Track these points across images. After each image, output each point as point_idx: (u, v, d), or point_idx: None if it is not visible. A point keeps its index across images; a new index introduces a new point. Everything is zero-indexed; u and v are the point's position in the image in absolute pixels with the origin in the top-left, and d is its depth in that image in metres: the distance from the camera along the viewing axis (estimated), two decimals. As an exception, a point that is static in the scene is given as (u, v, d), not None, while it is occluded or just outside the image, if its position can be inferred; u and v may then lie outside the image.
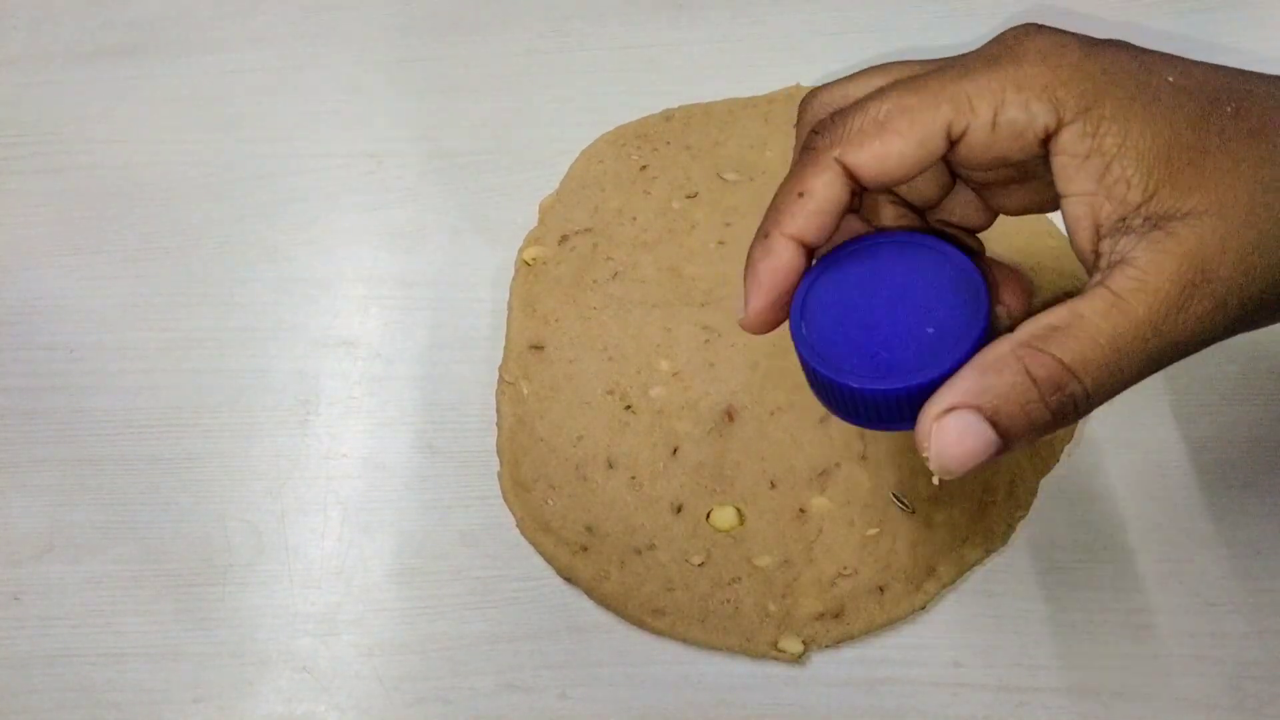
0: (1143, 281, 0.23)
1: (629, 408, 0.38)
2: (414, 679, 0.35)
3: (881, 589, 0.35)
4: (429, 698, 0.34)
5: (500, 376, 0.40)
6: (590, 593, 0.35)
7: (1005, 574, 0.35)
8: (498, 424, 0.39)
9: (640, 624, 0.35)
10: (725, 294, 0.41)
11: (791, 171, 0.26)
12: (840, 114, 0.26)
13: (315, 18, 0.52)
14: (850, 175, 0.25)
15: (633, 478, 0.37)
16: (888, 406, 0.25)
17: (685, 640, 0.35)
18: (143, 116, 0.50)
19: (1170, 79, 0.25)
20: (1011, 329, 0.24)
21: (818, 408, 0.38)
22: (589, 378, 0.39)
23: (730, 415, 0.38)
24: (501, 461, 0.38)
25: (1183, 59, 0.26)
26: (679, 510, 0.36)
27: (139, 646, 0.36)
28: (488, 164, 0.46)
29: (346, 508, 0.38)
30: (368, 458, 0.39)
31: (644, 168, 0.44)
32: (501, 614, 0.36)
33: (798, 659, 0.34)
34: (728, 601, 0.35)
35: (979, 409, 0.23)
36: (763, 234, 0.26)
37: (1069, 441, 0.37)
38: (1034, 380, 0.23)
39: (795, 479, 0.37)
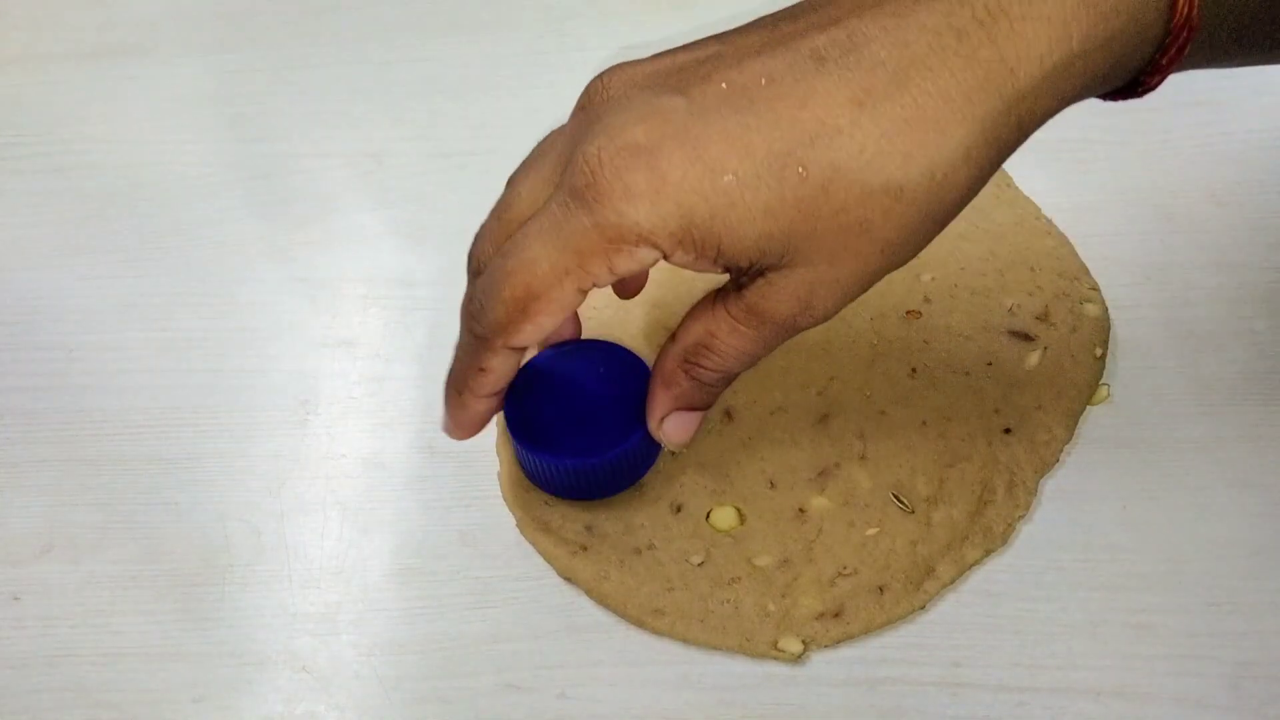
0: (760, 318, 0.28)
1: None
2: (414, 679, 0.35)
3: (881, 589, 0.35)
4: (429, 697, 0.34)
5: (500, 376, 0.40)
6: (590, 593, 0.35)
7: (1005, 574, 0.35)
8: (497, 424, 0.39)
9: (640, 624, 0.35)
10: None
11: (467, 351, 0.31)
12: (488, 296, 0.29)
13: (315, 18, 0.52)
14: (516, 348, 0.30)
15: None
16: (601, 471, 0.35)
17: (685, 640, 0.35)
18: (143, 116, 0.50)
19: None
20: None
21: (817, 407, 0.38)
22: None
23: (730, 415, 0.38)
24: (501, 461, 0.38)
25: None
26: (679, 510, 0.36)
27: (138, 646, 0.36)
28: (488, 164, 0.46)
29: (346, 508, 0.38)
30: (367, 458, 0.39)
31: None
32: (501, 614, 0.36)
33: (797, 659, 0.34)
34: (727, 601, 0.35)
35: (677, 409, 0.32)
36: (455, 392, 0.31)
37: (1069, 442, 0.37)
38: (694, 379, 0.31)
39: (795, 479, 0.37)
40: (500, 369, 0.30)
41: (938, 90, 0.25)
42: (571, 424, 0.35)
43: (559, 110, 0.29)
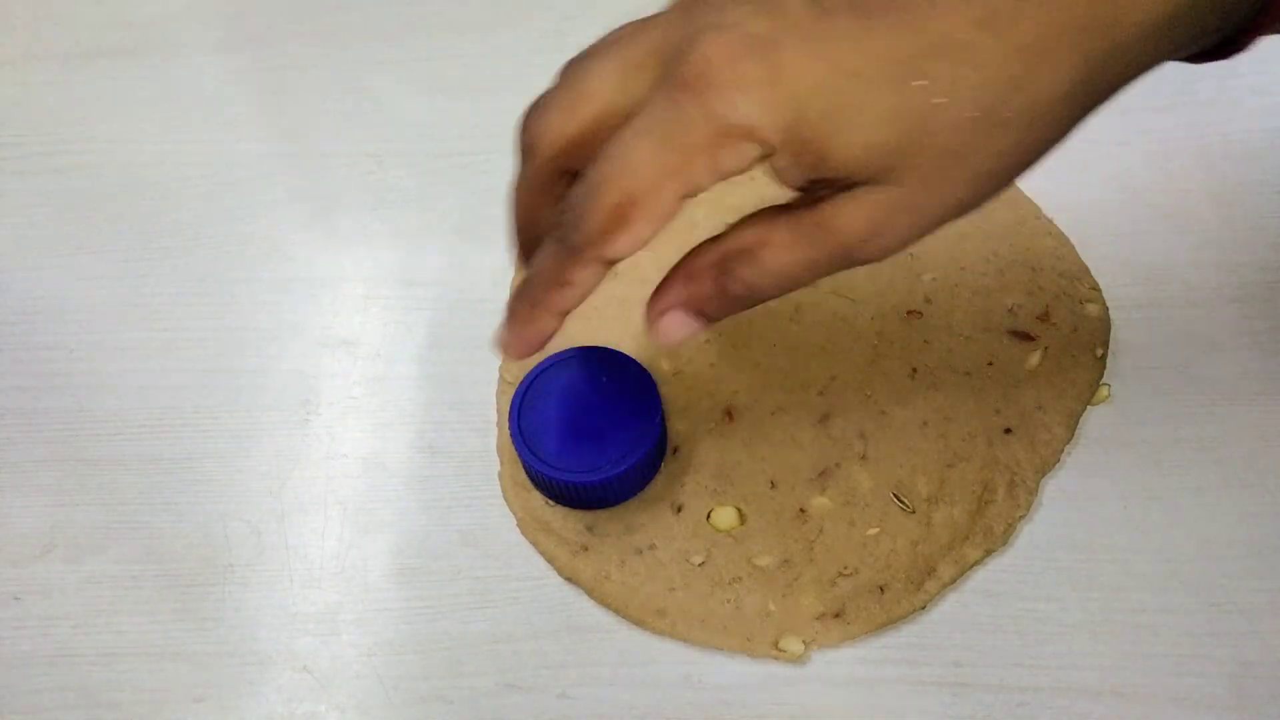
0: (826, 232, 0.27)
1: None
2: (414, 679, 0.35)
3: (882, 589, 0.35)
4: (429, 697, 0.34)
5: (500, 376, 0.40)
6: (591, 593, 0.35)
7: (1006, 574, 0.35)
8: (498, 424, 0.39)
9: (641, 624, 0.35)
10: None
11: (554, 261, 0.28)
12: (585, 204, 0.27)
13: (315, 18, 0.52)
14: (609, 260, 0.28)
15: (633, 478, 0.37)
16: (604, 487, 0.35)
17: (686, 640, 0.35)
18: (143, 116, 0.50)
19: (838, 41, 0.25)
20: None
21: (818, 407, 0.38)
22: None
23: (730, 415, 0.38)
24: (502, 461, 0.38)
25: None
26: (680, 510, 0.36)
27: (139, 646, 0.36)
28: (488, 164, 0.46)
29: (346, 508, 0.38)
30: (368, 458, 0.39)
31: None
32: (502, 614, 0.36)
33: (798, 659, 0.34)
34: (728, 601, 0.35)
35: (685, 307, 0.29)
36: (528, 305, 0.29)
37: (1069, 441, 0.37)
38: (722, 288, 0.28)
39: (795, 479, 0.37)
40: (586, 283, 0.28)
41: (1053, 21, 0.25)
42: (577, 437, 0.35)
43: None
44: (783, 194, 0.28)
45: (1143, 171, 0.43)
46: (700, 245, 0.29)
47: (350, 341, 0.42)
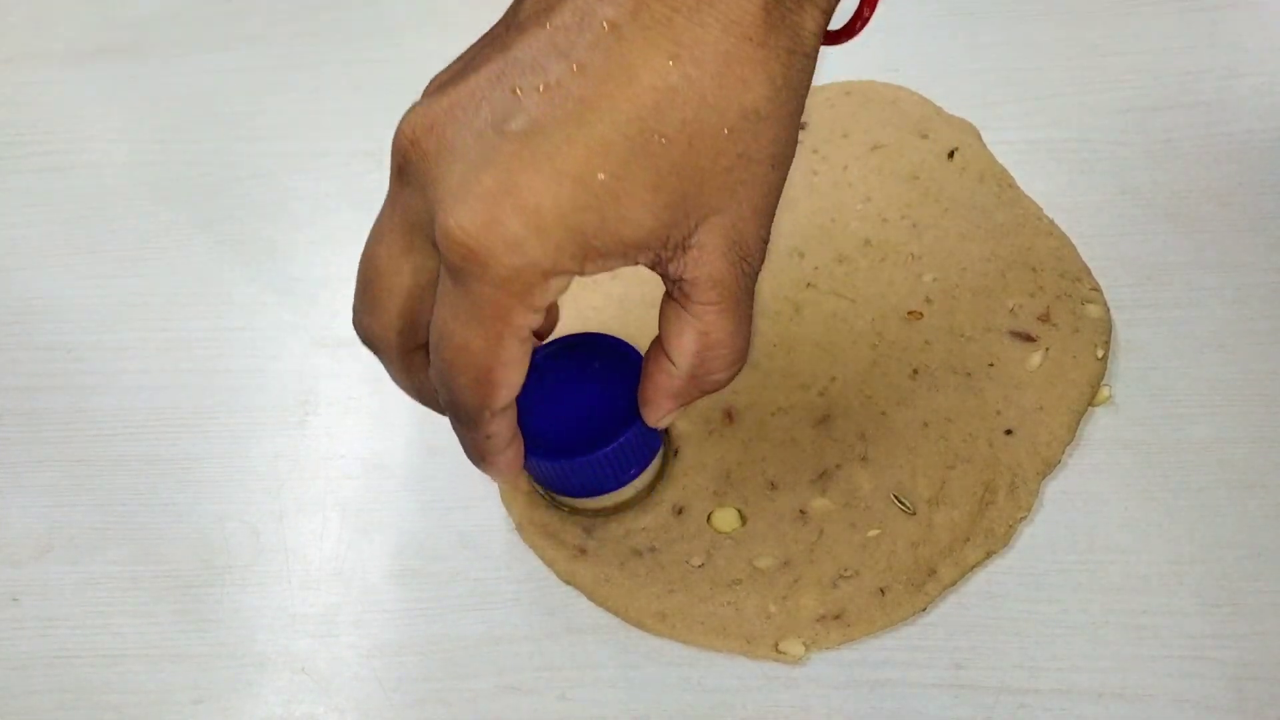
0: (713, 284, 0.28)
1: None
2: (414, 680, 0.35)
3: (882, 590, 0.34)
4: (429, 699, 0.34)
5: (500, 377, 0.40)
6: (591, 595, 0.35)
7: (1006, 575, 0.35)
8: (498, 425, 0.39)
9: (641, 626, 0.35)
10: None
11: (466, 430, 0.30)
12: (449, 389, 0.28)
13: (315, 18, 0.52)
14: (503, 409, 0.29)
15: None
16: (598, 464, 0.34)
17: (686, 642, 0.34)
18: (143, 116, 0.50)
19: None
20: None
21: (818, 409, 0.38)
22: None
23: (730, 416, 0.38)
24: (501, 462, 0.38)
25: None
26: (680, 512, 0.36)
27: (138, 648, 0.36)
28: (488, 164, 0.46)
29: (345, 509, 0.38)
30: (367, 458, 0.39)
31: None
32: (501, 615, 0.36)
33: (799, 661, 0.34)
34: (728, 603, 0.35)
35: (678, 408, 0.31)
36: (479, 459, 0.31)
37: (1070, 443, 0.37)
38: (706, 390, 0.31)
39: (796, 480, 0.37)
40: (502, 428, 0.30)
41: (731, 14, 0.25)
42: (569, 424, 0.34)
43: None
44: None
45: (1143, 171, 0.43)
46: (657, 369, 0.30)
47: (349, 342, 0.42)
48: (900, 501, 0.36)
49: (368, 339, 0.30)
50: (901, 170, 0.43)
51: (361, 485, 0.39)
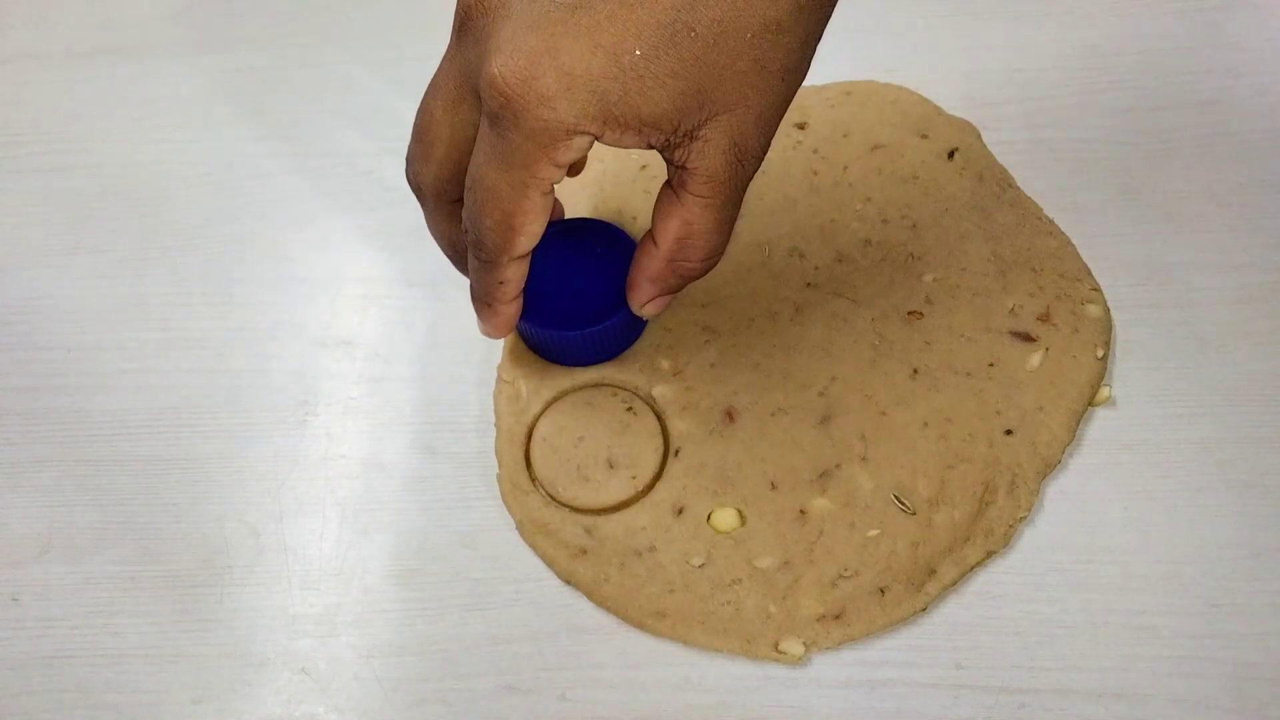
0: (708, 178, 0.30)
1: (630, 409, 0.38)
2: (413, 680, 0.35)
3: (882, 590, 0.34)
4: (428, 699, 0.34)
5: (499, 376, 0.40)
6: (591, 595, 0.35)
7: (1006, 575, 0.35)
8: (497, 425, 0.39)
9: (641, 626, 0.35)
10: (727, 294, 0.41)
11: (482, 271, 0.33)
12: (476, 229, 0.31)
13: (314, 18, 0.52)
14: (520, 256, 0.32)
15: (633, 478, 0.37)
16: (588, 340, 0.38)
17: (686, 642, 0.34)
18: (142, 116, 0.49)
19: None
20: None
21: (818, 409, 0.38)
22: (589, 378, 0.39)
23: (731, 416, 0.38)
24: (501, 463, 0.38)
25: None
26: (680, 512, 0.36)
27: (137, 648, 0.36)
28: (488, 164, 0.46)
29: (345, 509, 0.38)
30: (367, 458, 0.39)
31: (644, 167, 0.44)
32: (501, 615, 0.36)
33: (799, 661, 0.34)
34: (728, 603, 0.35)
35: (660, 295, 0.35)
36: (484, 304, 0.34)
37: (1070, 443, 0.37)
38: (681, 275, 0.34)
39: (796, 480, 0.37)
40: (515, 276, 0.33)
41: None
42: (567, 297, 0.37)
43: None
44: None
45: (1143, 171, 0.43)
46: (643, 252, 0.34)
47: (349, 342, 0.42)
48: (900, 501, 0.36)
49: (416, 185, 0.33)
50: (902, 170, 0.43)
51: (361, 485, 0.39)
